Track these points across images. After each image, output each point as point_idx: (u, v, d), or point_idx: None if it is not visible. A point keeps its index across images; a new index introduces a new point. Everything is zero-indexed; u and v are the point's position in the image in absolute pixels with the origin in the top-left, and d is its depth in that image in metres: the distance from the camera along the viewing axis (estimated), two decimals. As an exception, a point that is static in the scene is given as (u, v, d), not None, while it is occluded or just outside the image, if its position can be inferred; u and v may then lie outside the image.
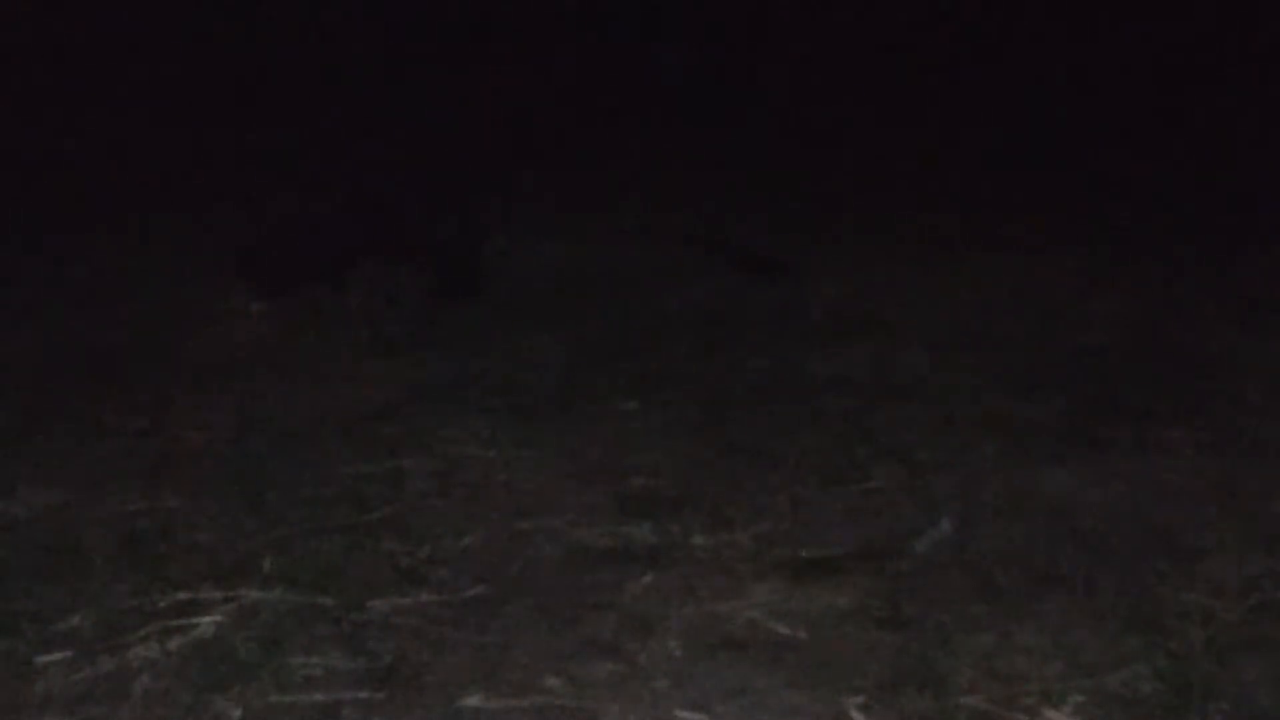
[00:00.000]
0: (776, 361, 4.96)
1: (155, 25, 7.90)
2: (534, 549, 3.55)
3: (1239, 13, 8.86)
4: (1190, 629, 3.09)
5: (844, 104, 8.80)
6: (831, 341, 5.14)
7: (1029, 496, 3.81)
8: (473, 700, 2.87)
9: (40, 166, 7.32)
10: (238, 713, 2.84)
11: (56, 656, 3.05)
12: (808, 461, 4.07)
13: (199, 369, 4.95)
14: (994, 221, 6.88)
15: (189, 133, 7.54)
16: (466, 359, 5.02)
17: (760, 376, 4.83)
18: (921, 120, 8.57)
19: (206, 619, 3.20)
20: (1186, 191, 7.27)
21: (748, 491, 3.86)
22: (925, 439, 4.22)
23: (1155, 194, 7.23)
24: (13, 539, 3.64)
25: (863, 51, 9.32)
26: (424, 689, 2.91)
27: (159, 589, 3.33)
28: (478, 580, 3.38)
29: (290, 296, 5.68)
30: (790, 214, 7.06)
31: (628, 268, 6.16)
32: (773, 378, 4.81)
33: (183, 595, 3.30)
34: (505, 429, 4.35)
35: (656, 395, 4.63)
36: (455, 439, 4.27)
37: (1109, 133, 8.30)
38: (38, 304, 5.71)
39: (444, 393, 4.69)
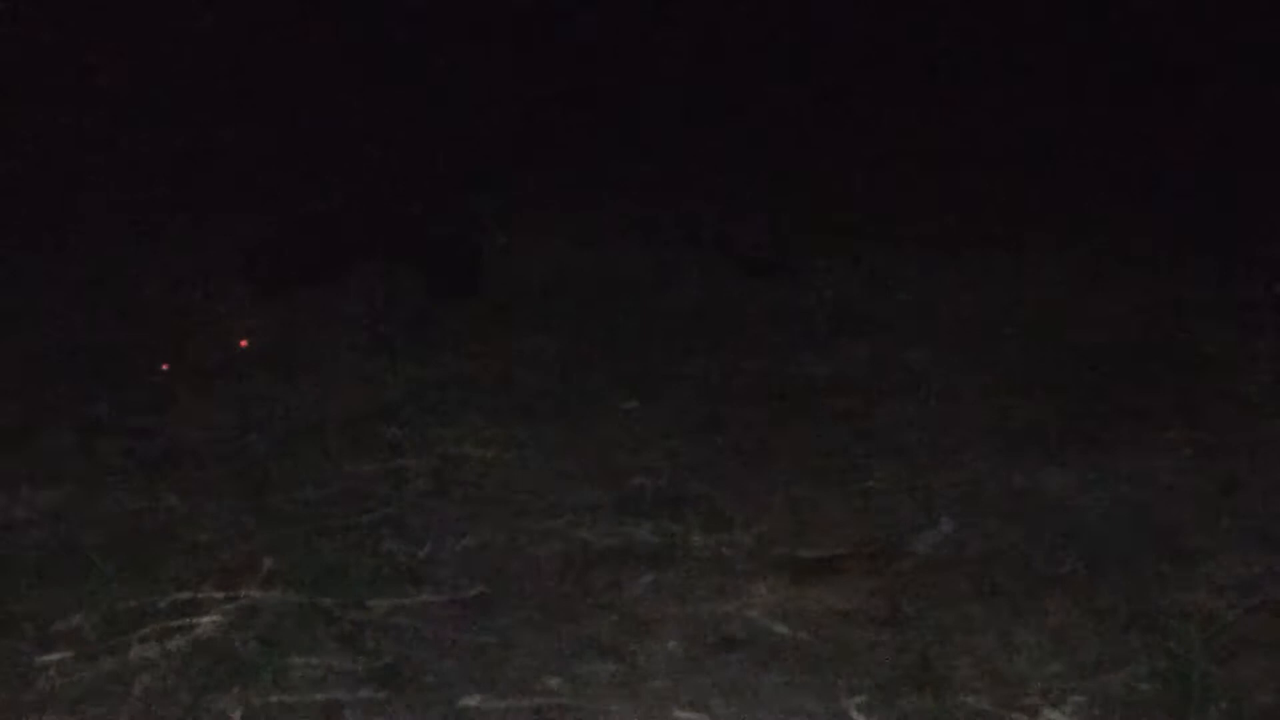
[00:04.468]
0: (776, 361, 4.96)
1: (154, 24, 7.90)
2: (534, 549, 3.55)
3: (1240, 11, 8.85)
4: (1190, 629, 3.09)
5: (844, 104, 8.79)
6: (831, 341, 5.14)
7: (1029, 496, 3.82)
8: (473, 700, 2.87)
9: (41, 167, 7.31)
10: (238, 713, 2.84)
11: (56, 656, 3.05)
12: (808, 461, 4.07)
13: (199, 369, 4.95)
14: (994, 221, 6.88)
15: (189, 133, 7.54)
16: (466, 359, 5.02)
17: (760, 376, 4.83)
18: (922, 120, 8.56)
19: (206, 619, 3.20)
20: (1186, 192, 7.27)
21: (748, 491, 3.87)
22: (925, 439, 4.22)
23: (1155, 194, 7.23)
24: (13, 539, 3.64)
25: (863, 51, 9.32)
26: (424, 689, 2.92)
27: (159, 589, 3.33)
28: (478, 580, 3.38)
29: (290, 296, 5.68)
30: (790, 214, 7.06)
31: (628, 268, 6.15)
32: (773, 378, 4.81)
33: (183, 595, 3.30)
34: (505, 429, 4.35)
35: (656, 395, 4.63)
36: (455, 439, 4.27)
37: (1110, 133, 8.30)
38: (38, 304, 5.70)
39: (444, 393, 4.69)
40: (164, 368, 4.96)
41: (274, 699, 2.88)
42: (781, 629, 3.14)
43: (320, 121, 5.99)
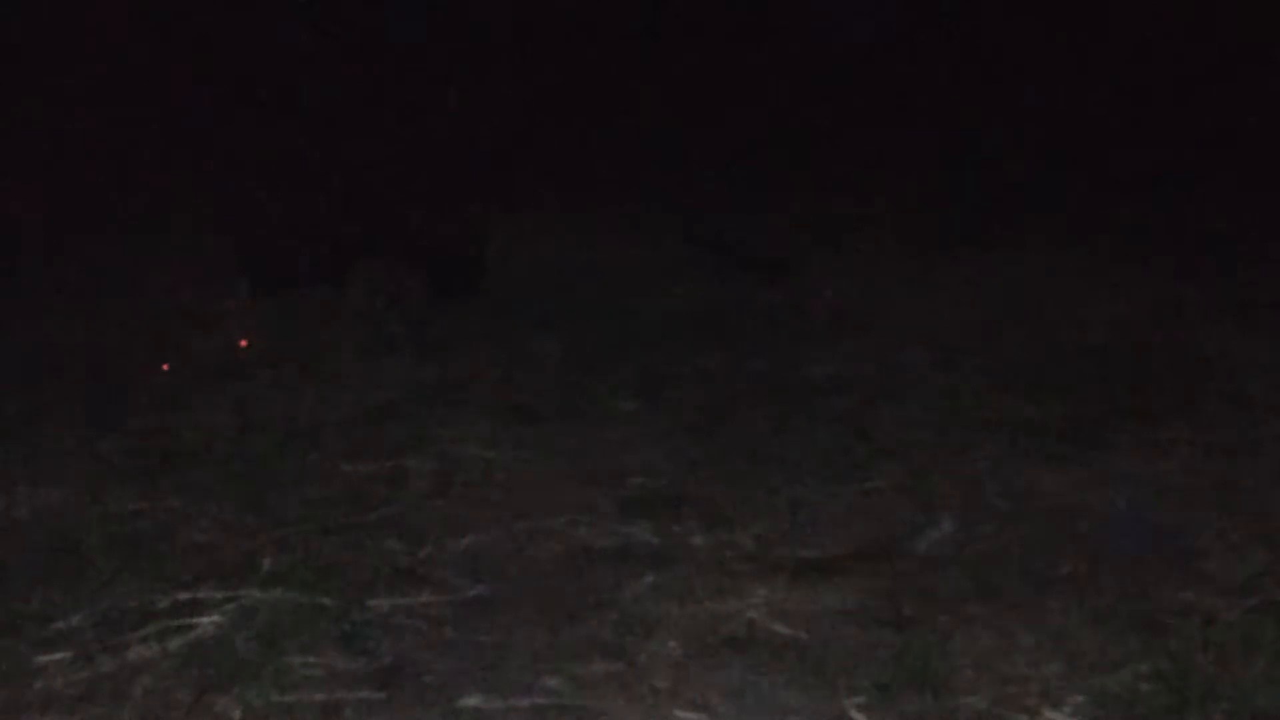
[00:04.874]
0: (776, 361, 4.96)
1: (154, 24, 7.90)
2: (534, 549, 3.55)
3: (1239, 12, 8.86)
4: (1190, 629, 3.09)
5: (844, 104, 8.80)
6: (831, 341, 5.15)
7: (1029, 496, 3.81)
8: (473, 700, 2.87)
9: (41, 167, 7.32)
10: (238, 713, 2.84)
11: (56, 656, 3.05)
12: (808, 461, 4.07)
13: (199, 369, 4.95)
14: (994, 221, 6.88)
15: (189, 133, 7.54)
16: (466, 359, 5.03)
17: (760, 376, 4.83)
18: (921, 120, 8.57)
19: (206, 619, 3.20)
20: (1186, 192, 7.28)
21: (748, 491, 3.87)
22: (925, 439, 4.22)
23: (1155, 194, 7.24)
24: (13, 539, 3.64)
25: (862, 51, 9.32)
26: (424, 689, 2.91)
27: (159, 589, 3.33)
28: (478, 580, 3.38)
29: (290, 296, 5.68)
30: (790, 214, 7.06)
31: (628, 268, 6.16)
32: (773, 378, 4.81)
33: (183, 595, 3.30)
34: (505, 429, 4.35)
35: (656, 395, 4.63)
36: (455, 439, 4.27)
37: (1109, 132, 8.30)
38: (38, 304, 5.70)
39: (444, 393, 4.69)
40: (164, 368, 4.96)
41: (274, 699, 2.88)
42: (781, 629, 3.13)
43: (320, 121, 5.99)
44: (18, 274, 6.10)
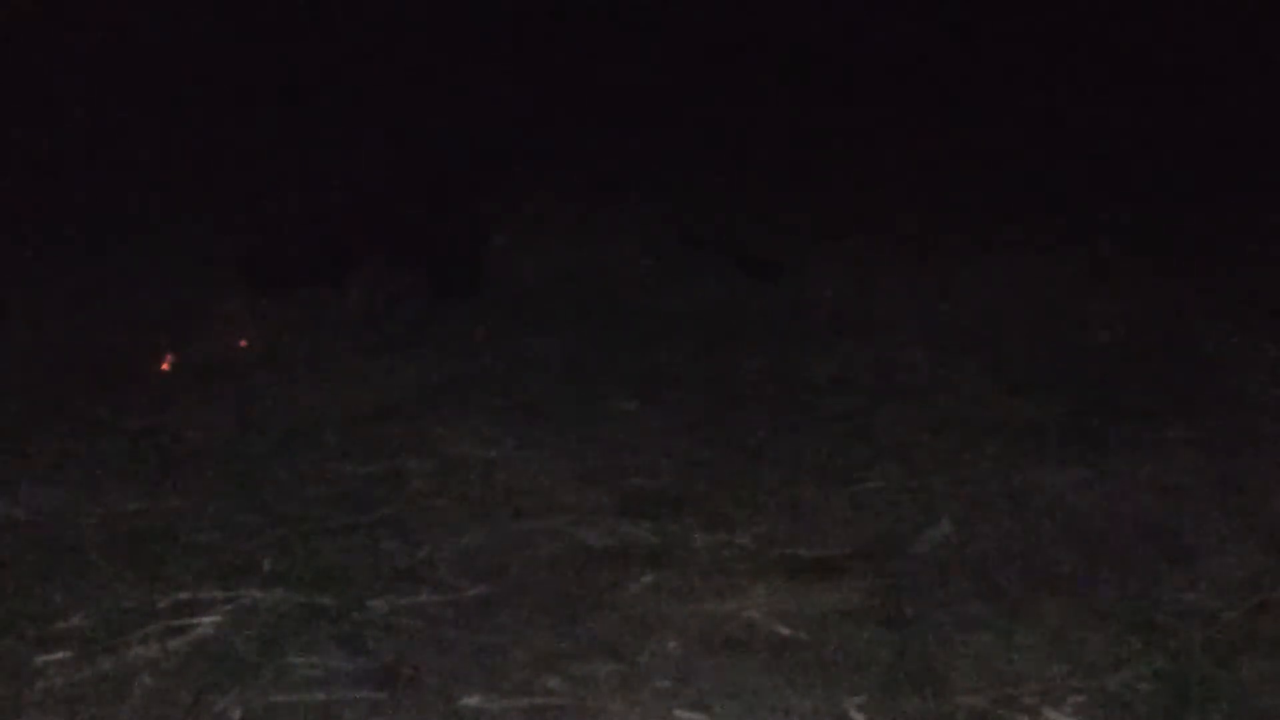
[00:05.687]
0: (776, 361, 4.96)
1: (155, 24, 7.90)
2: (534, 549, 3.55)
3: (1238, 12, 8.86)
4: (1190, 629, 3.09)
5: (844, 104, 8.79)
6: (831, 341, 5.14)
7: (1029, 496, 3.82)
8: (473, 700, 2.87)
9: (41, 167, 7.31)
10: (238, 713, 2.84)
11: (56, 656, 3.05)
12: (808, 461, 4.07)
13: (199, 369, 4.95)
14: (994, 221, 6.88)
15: (189, 133, 7.54)
16: (466, 359, 5.02)
17: (760, 376, 4.83)
18: (921, 120, 8.56)
19: (206, 619, 3.20)
20: (1186, 192, 7.27)
21: (748, 491, 3.87)
22: (925, 439, 4.22)
23: (1156, 194, 7.23)
24: (13, 539, 3.64)
25: (862, 51, 9.32)
26: (424, 689, 2.92)
27: (159, 589, 3.33)
28: (478, 580, 3.38)
29: (290, 296, 5.67)
30: (790, 214, 7.05)
31: (628, 268, 6.15)
32: (773, 378, 4.81)
33: (183, 595, 3.30)
34: (505, 429, 4.35)
35: (656, 395, 4.63)
36: (455, 439, 4.27)
37: (1109, 132, 8.30)
38: (38, 304, 5.70)
39: (444, 393, 4.69)
40: (164, 368, 4.96)
41: (274, 699, 2.88)
42: (781, 629, 3.14)
43: (320, 121, 5.99)
44: (18, 274, 6.09)
